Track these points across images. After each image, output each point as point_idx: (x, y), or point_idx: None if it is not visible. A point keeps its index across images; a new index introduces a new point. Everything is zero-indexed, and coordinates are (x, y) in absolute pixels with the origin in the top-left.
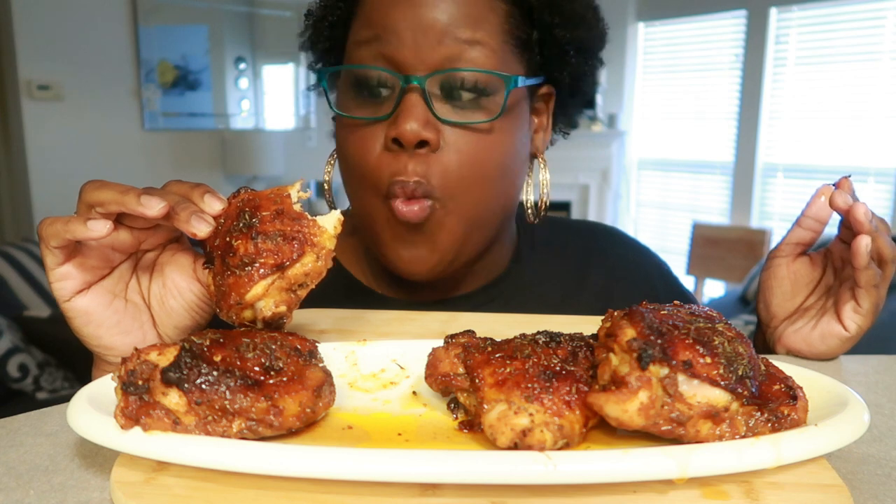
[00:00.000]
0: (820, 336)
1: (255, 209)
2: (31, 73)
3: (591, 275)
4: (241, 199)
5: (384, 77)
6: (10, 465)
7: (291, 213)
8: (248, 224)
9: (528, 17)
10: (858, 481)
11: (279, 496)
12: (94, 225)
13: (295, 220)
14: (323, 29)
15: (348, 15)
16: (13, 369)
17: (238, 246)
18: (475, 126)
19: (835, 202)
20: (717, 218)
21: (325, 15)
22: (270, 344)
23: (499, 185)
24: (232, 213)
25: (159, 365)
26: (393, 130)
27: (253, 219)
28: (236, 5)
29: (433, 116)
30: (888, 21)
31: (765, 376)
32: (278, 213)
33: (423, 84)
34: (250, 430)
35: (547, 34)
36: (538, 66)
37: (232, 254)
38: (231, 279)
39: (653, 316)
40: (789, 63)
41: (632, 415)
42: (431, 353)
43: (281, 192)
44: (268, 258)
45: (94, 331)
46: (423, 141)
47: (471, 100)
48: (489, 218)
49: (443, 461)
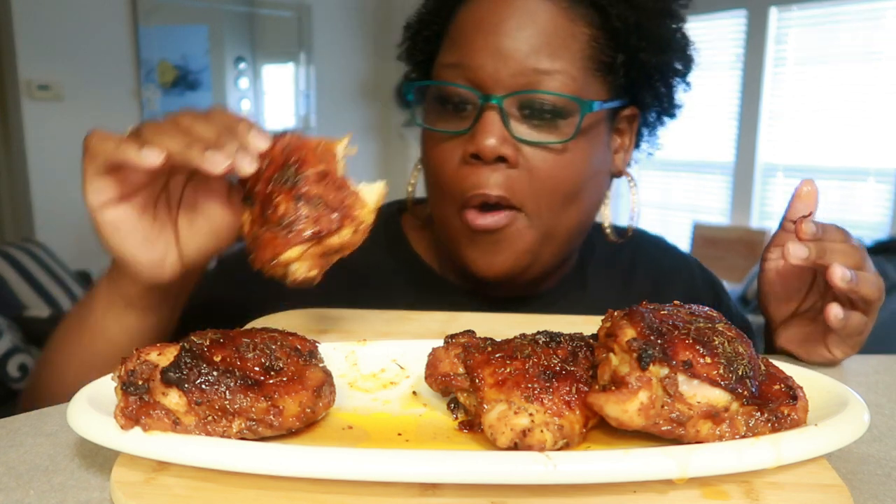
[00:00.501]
0: (810, 351)
1: (300, 163)
2: (31, 73)
3: (637, 284)
4: (286, 145)
5: (465, 94)
6: (10, 465)
7: (335, 178)
8: (293, 181)
9: (613, 40)
10: (858, 481)
11: (279, 496)
12: (148, 155)
13: (339, 189)
14: (419, 42)
15: (441, 31)
16: (13, 369)
17: (279, 202)
18: (551, 146)
19: (832, 276)
20: (717, 218)
21: (420, 29)
22: (270, 344)
23: (575, 202)
24: (276, 159)
25: (159, 365)
26: (472, 146)
27: (297, 175)
28: (236, 5)
29: (509, 134)
30: (888, 21)
31: (765, 376)
32: (323, 174)
33: (501, 103)
34: (250, 430)
35: (632, 58)
36: (622, 88)
37: (272, 209)
38: (268, 234)
39: (653, 316)
40: (789, 63)
41: (632, 415)
42: (431, 353)
43: (329, 148)
44: (307, 224)
45: (119, 241)
46: (501, 157)
47: (547, 121)
48: (564, 233)
49: (443, 461)
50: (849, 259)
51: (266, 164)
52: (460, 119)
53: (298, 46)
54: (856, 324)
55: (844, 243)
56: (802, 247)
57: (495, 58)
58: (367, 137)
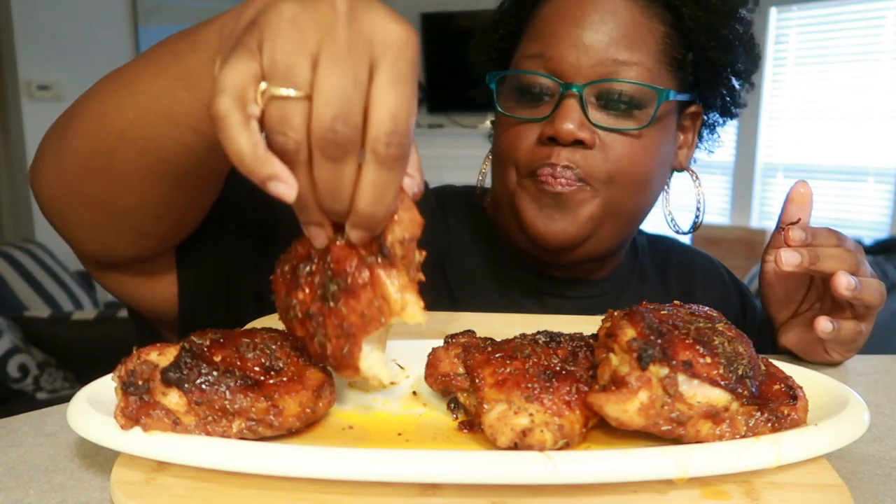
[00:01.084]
0: (809, 352)
1: (343, 296)
2: (31, 73)
3: (672, 283)
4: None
5: (546, 84)
6: (10, 465)
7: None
8: (326, 295)
9: (684, 39)
10: (858, 481)
11: (279, 496)
12: (278, 189)
13: (338, 355)
14: (493, 40)
15: (519, 28)
16: (13, 369)
17: (304, 299)
18: (626, 132)
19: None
20: (717, 218)
21: (496, 28)
22: (270, 344)
23: (643, 188)
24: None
25: (159, 365)
26: (550, 129)
27: (333, 301)
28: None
29: (587, 120)
30: (888, 21)
31: (765, 376)
32: (344, 330)
33: (581, 91)
34: (250, 430)
35: (701, 56)
36: (690, 85)
37: (295, 296)
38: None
39: (653, 316)
40: (789, 63)
41: (632, 415)
42: (431, 353)
43: (378, 314)
44: (315, 348)
45: None
46: (577, 140)
47: (623, 110)
48: (627, 212)
49: (443, 461)
50: (844, 264)
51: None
52: (539, 107)
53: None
54: (848, 333)
55: (838, 247)
56: (794, 253)
57: (577, 48)
58: None
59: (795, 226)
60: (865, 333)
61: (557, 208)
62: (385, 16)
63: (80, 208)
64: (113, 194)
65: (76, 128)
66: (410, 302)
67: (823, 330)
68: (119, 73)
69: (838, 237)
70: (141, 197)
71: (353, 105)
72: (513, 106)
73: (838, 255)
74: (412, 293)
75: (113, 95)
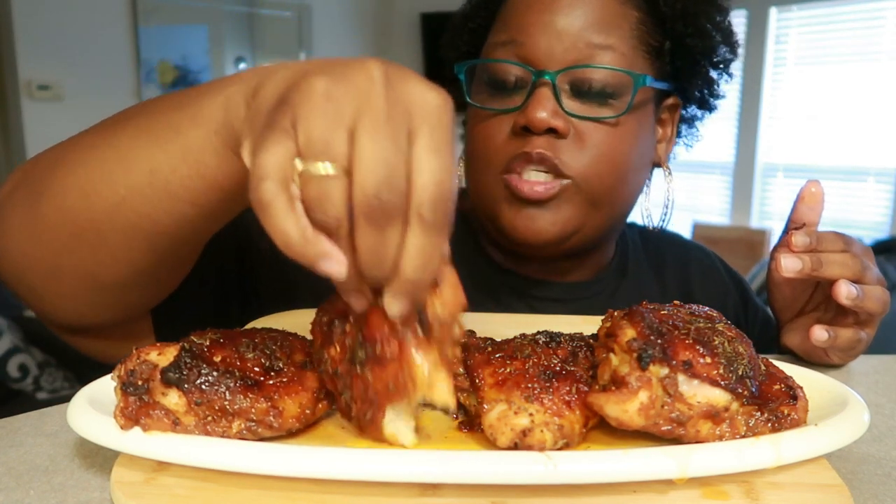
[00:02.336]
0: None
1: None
2: (31, 73)
3: (669, 278)
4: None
5: (517, 72)
6: (10, 465)
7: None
8: (355, 363)
9: (661, 26)
10: (858, 481)
11: (279, 496)
12: (328, 267)
13: (362, 419)
14: (463, 33)
15: (490, 19)
16: (13, 369)
17: (336, 361)
18: (602, 121)
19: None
20: (717, 218)
21: (465, 22)
22: (270, 344)
23: (623, 177)
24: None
25: (159, 365)
26: (522, 118)
27: (362, 370)
28: (236, 5)
29: (561, 109)
30: (888, 21)
31: (765, 376)
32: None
33: (554, 79)
34: (250, 430)
35: (679, 44)
36: (668, 75)
37: (330, 361)
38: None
39: (653, 316)
40: (789, 63)
41: (632, 415)
42: None
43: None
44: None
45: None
46: (551, 129)
47: (599, 98)
48: (609, 206)
49: (443, 461)
50: (847, 270)
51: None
52: (511, 97)
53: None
54: (845, 341)
55: (843, 253)
56: (795, 259)
57: (549, 34)
58: None
59: (799, 231)
60: (866, 340)
61: (538, 208)
62: (420, 84)
63: (55, 282)
64: (97, 269)
65: (53, 201)
66: (439, 382)
67: (818, 339)
68: (101, 141)
69: (846, 241)
70: (128, 269)
71: (397, 171)
72: (485, 98)
73: (842, 261)
74: (443, 373)
75: (99, 168)
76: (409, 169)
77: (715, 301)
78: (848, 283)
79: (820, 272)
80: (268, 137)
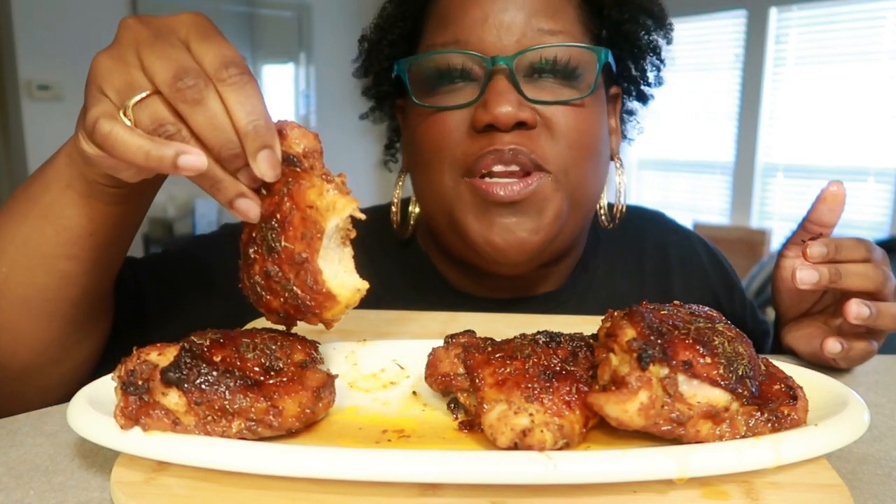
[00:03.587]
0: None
1: (282, 227)
2: (31, 73)
3: (647, 265)
4: (285, 181)
5: (468, 64)
6: (10, 465)
7: (313, 268)
8: (269, 245)
9: (597, 14)
10: (858, 481)
11: (279, 496)
12: (189, 161)
13: (311, 287)
14: (384, 47)
15: (418, 22)
16: None
17: (255, 259)
18: (569, 104)
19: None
20: (717, 218)
21: (383, 37)
22: (270, 344)
23: (599, 162)
24: (271, 196)
25: (159, 365)
26: (485, 115)
27: (274, 243)
28: (236, 5)
29: (523, 97)
30: (888, 21)
31: (765, 376)
32: (299, 261)
33: (511, 64)
34: (250, 430)
35: (616, 31)
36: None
37: (249, 259)
38: (246, 280)
39: (653, 316)
40: (789, 63)
41: (632, 415)
42: (431, 353)
43: (319, 216)
44: (273, 301)
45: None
46: (519, 122)
47: (561, 79)
48: (586, 200)
49: (443, 461)
50: (868, 282)
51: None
52: (462, 91)
53: (298, 46)
54: (859, 352)
55: (864, 263)
56: (812, 271)
57: (496, 27)
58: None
59: (816, 241)
60: (874, 349)
61: (516, 214)
62: (171, 15)
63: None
64: (5, 354)
65: None
66: (336, 197)
67: (831, 351)
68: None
69: (867, 248)
70: (36, 346)
71: (183, 60)
72: (427, 98)
73: (863, 272)
74: (333, 188)
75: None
76: (194, 58)
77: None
78: (860, 303)
79: (839, 284)
80: (87, 108)
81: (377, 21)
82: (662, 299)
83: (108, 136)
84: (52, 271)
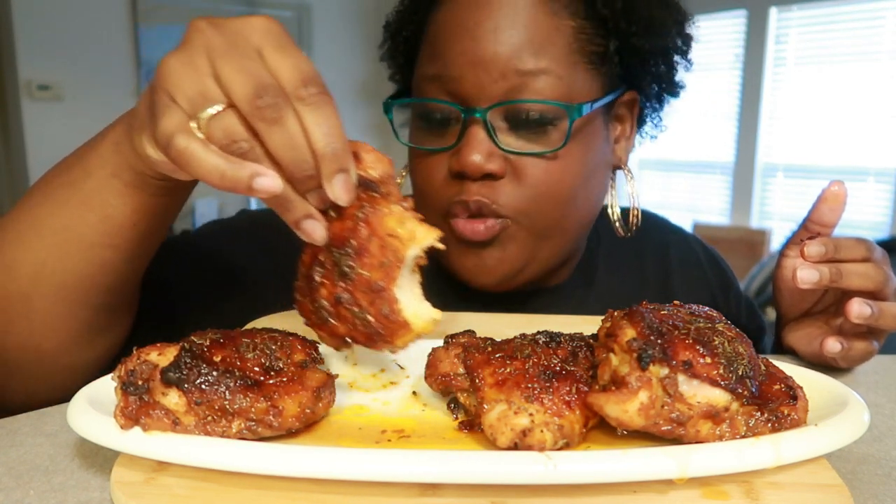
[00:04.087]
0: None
1: (357, 254)
2: (31, 73)
3: (648, 265)
4: (360, 207)
5: (447, 110)
6: (10, 465)
7: (389, 297)
8: (341, 271)
9: (603, 28)
10: (858, 481)
11: (279, 496)
12: (264, 183)
13: (387, 317)
14: (399, 42)
15: (418, 32)
16: None
17: (322, 284)
18: (539, 156)
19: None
20: (717, 218)
21: (399, 28)
22: (270, 344)
23: (570, 206)
24: (342, 221)
25: (159, 365)
26: (456, 163)
27: (348, 270)
28: (236, 5)
29: (496, 147)
30: (888, 21)
31: (765, 376)
32: (376, 289)
33: (485, 116)
34: (250, 430)
35: (625, 44)
36: (619, 76)
37: (315, 283)
38: (307, 304)
39: (653, 316)
40: (789, 63)
41: (632, 415)
42: (431, 353)
43: (400, 246)
44: (340, 328)
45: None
46: (487, 174)
47: (534, 129)
48: (560, 233)
49: (443, 461)
50: (869, 282)
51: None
52: (445, 134)
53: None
54: (859, 352)
55: (864, 263)
56: (812, 271)
57: (475, 66)
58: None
59: (814, 240)
60: (875, 349)
61: (484, 248)
62: (241, 18)
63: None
64: (36, 337)
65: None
66: (416, 226)
67: (830, 350)
68: (14, 216)
69: (868, 248)
70: (67, 330)
71: (261, 75)
72: (419, 134)
73: (864, 271)
74: (412, 219)
75: (17, 240)
76: (270, 72)
77: (693, 290)
78: (862, 302)
79: (839, 283)
80: (157, 116)
81: (398, 10)
82: (663, 299)
83: (183, 152)
84: (92, 259)
